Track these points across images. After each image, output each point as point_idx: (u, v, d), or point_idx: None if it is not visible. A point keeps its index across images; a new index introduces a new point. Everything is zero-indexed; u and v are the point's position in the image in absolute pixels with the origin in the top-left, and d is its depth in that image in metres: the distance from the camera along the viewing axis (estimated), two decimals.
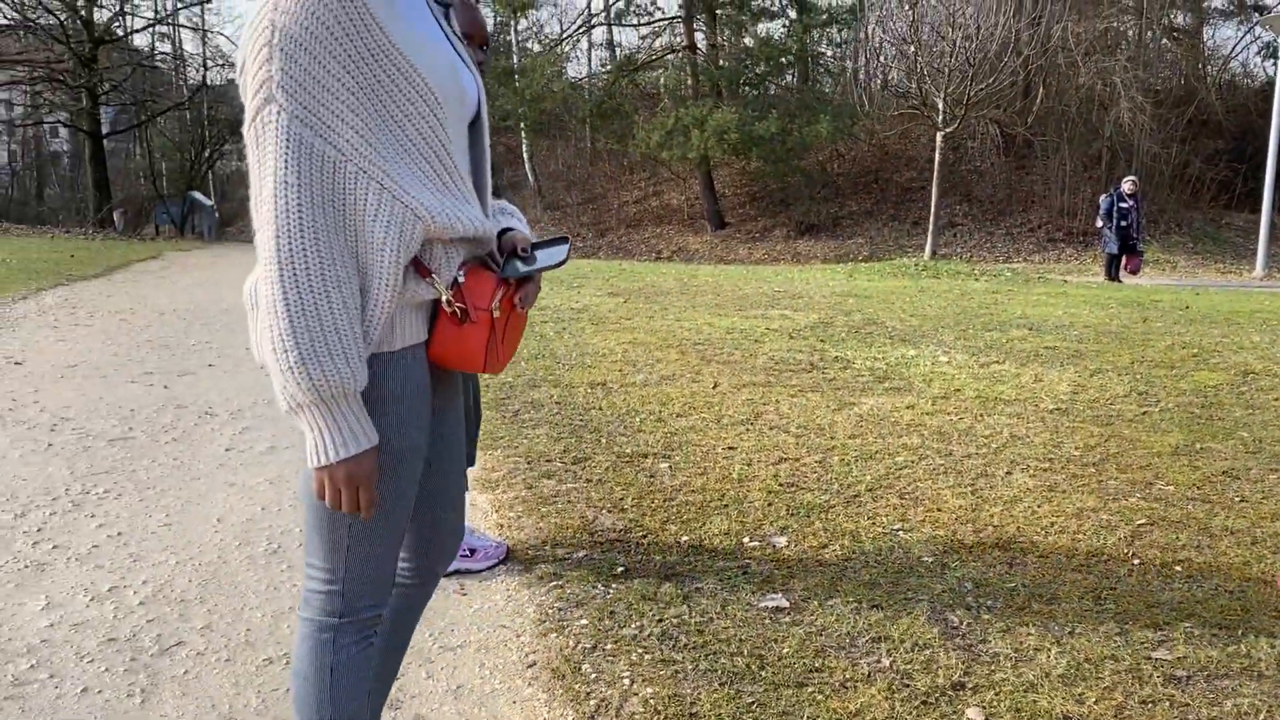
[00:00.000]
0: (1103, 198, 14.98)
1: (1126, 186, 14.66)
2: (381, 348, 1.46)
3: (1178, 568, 3.08)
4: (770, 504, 3.58)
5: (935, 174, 16.93)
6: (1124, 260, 14.82)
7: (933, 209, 17.28)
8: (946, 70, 15.38)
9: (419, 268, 1.49)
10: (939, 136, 16.53)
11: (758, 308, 8.94)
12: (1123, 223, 14.58)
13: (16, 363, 5.82)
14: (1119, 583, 2.96)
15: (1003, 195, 25.82)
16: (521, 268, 1.60)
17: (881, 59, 19.39)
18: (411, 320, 1.50)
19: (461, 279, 1.53)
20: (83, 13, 29.09)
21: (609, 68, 32.04)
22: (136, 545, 3.18)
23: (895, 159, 28.22)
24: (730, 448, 4.26)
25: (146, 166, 42.90)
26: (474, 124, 1.63)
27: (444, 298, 1.50)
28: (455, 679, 2.40)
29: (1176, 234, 23.72)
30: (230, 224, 40.53)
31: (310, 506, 1.53)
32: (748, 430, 4.56)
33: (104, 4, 31.40)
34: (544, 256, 1.64)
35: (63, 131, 39.71)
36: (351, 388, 1.37)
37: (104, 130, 30.65)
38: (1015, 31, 15.13)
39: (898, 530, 3.38)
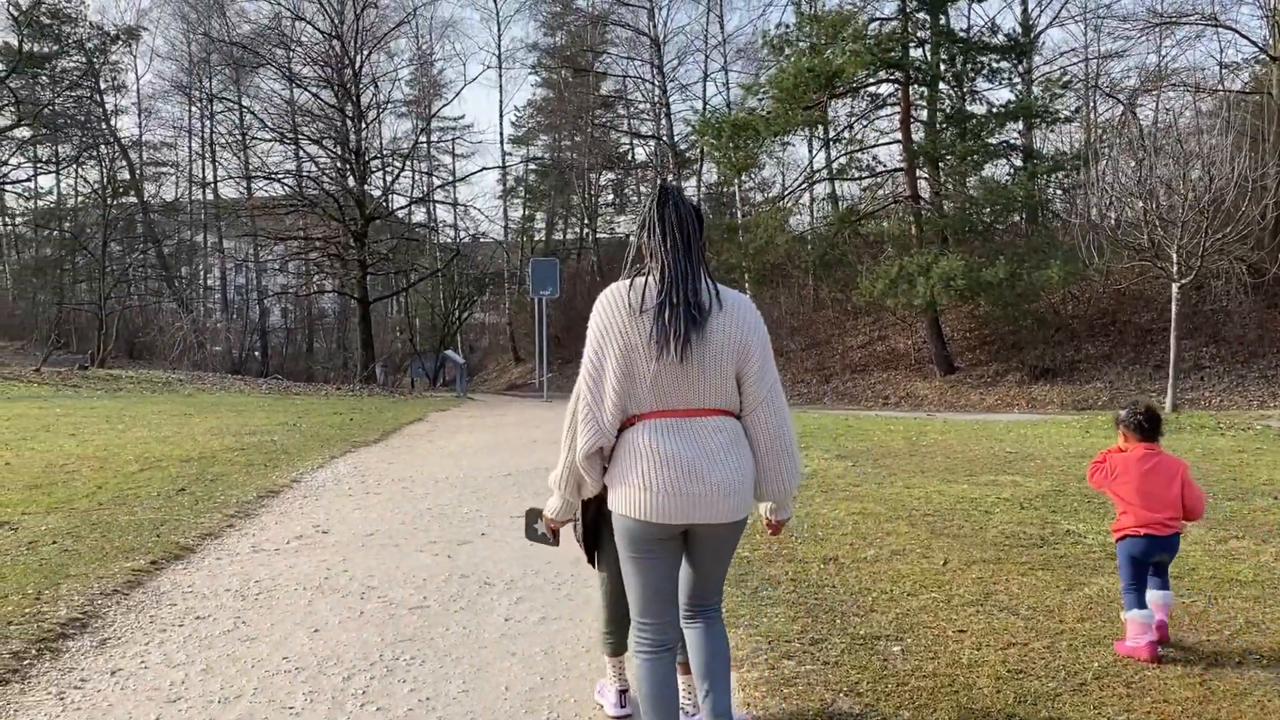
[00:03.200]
0: None
1: None
2: None
3: None
4: (998, 691, 3.82)
5: (1173, 327, 16.38)
6: None
7: (1172, 362, 16.67)
8: (1180, 222, 15.06)
9: None
10: (1174, 288, 16.06)
11: (988, 472, 9.06)
12: None
13: (324, 532, 6.77)
14: None
15: (1254, 336, 24.49)
16: None
17: (1110, 205, 19.13)
18: None
19: None
20: (355, 192, 32.66)
21: (831, 219, 32.85)
22: (443, 709, 3.77)
23: (1132, 300, 27.33)
24: (960, 631, 4.51)
25: (402, 322, 46.87)
26: None
27: None
28: None
29: None
30: (476, 373, 43.39)
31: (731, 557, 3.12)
32: (978, 612, 4.79)
33: (370, 183, 35.19)
34: None
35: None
36: None
37: (369, 295, 33.91)
38: (1254, 178, 14.68)
39: None
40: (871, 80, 28.16)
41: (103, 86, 44.07)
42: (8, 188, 44.80)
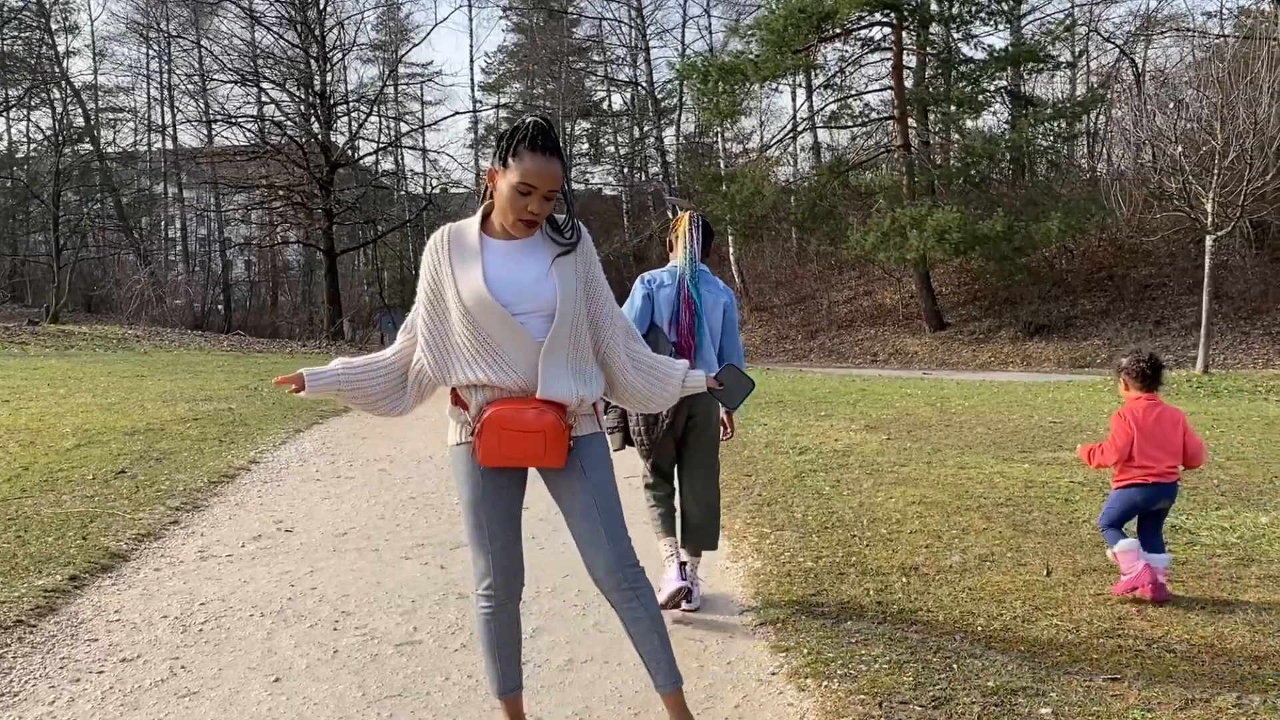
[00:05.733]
0: None
1: None
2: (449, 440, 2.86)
3: None
4: None
5: (1206, 282, 15.40)
6: None
7: (1204, 319, 15.71)
8: (1216, 170, 13.98)
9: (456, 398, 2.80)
10: (1209, 240, 15.05)
11: (1043, 447, 8.06)
12: None
13: (287, 530, 5.64)
14: None
15: (1257, 292, 23.73)
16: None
17: (1114, 153, 18.14)
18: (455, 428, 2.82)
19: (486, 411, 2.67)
20: (320, 137, 31.06)
21: (819, 169, 31.66)
22: None
23: (1130, 254, 26.49)
24: (1113, 679, 3.49)
25: (370, 275, 45.35)
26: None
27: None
28: None
29: None
30: None
31: None
32: (1119, 648, 3.77)
33: (336, 129, 33.58)
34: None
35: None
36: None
37: (336, 247, 32.45)
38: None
39: None
40: (864, 23, 26.90)
41: (53, 27, 41.84)
42: None
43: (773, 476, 7.00)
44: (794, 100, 36.78)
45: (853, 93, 29.68)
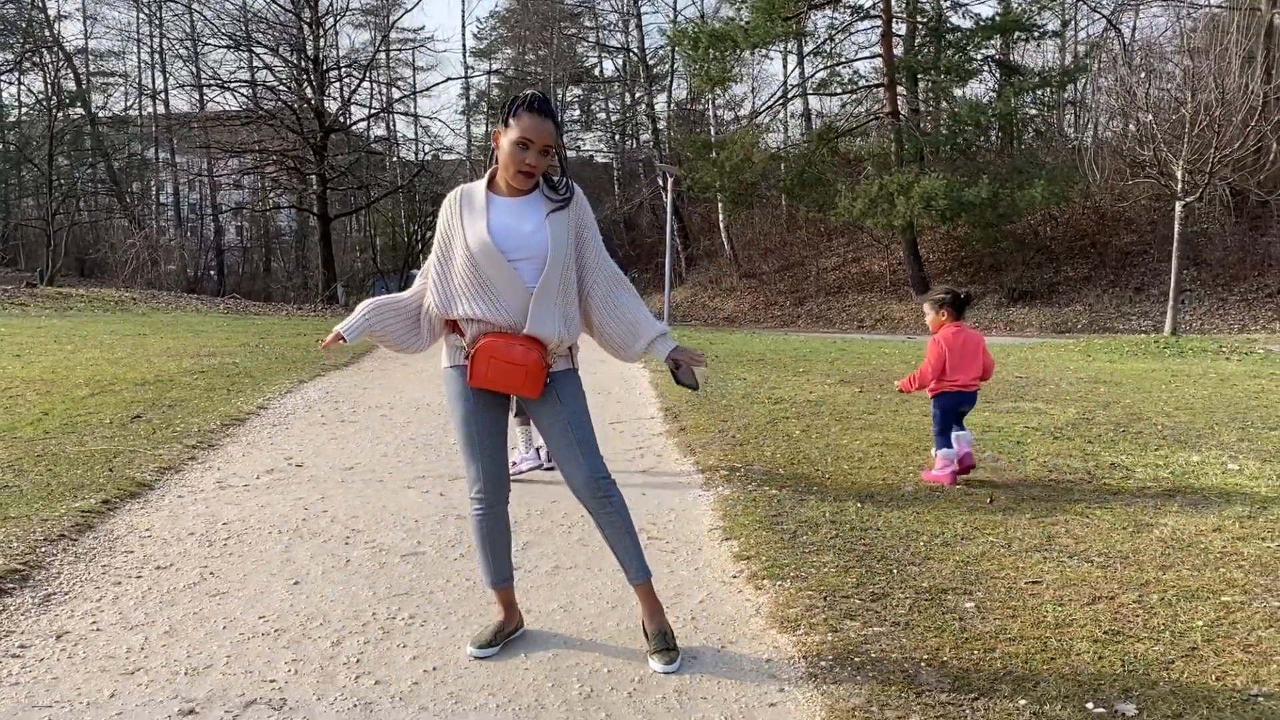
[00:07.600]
0: None
1: None
2: (443, 362, 3.37)
3: None
4: (1100, 656, 3.29)
5: (1175, 246, 15.87)
6: None
7: (1173, 283, 16.21)
8: (1186, 137, 14.42)
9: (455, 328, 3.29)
10: (1178, 206, 15.49)
11: (1005, 398, 8.55)
12: None
13: (298, 465, 6.11)
14: None
15: (1235, 259, 24.20)
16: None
17: (1100, 121, 18.54)
18: (449, 352, 3.33)
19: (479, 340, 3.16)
20: (313, 102, 31.23)
21: (807, 136, 31.95)
22: (454, 684, 3.18)
23: (1113, 222, 26.92)
24: (1034, 582, 3.98)
25: (361, 240, 45.58)
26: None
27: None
28: None
29: None
30: None
31: None
32: (1045, 559, 4.27)
33: (328, 94, 33.73)
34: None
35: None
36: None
37: (329, 212, 32.69)
38: (1263, 94, 14.07)
39: (1256, 695, 3.03)
40: None
41: None
42: None
43: (747, 422, 7.48)
44: (784, 67, 37.04)
45: (842, 60, 29.98)
